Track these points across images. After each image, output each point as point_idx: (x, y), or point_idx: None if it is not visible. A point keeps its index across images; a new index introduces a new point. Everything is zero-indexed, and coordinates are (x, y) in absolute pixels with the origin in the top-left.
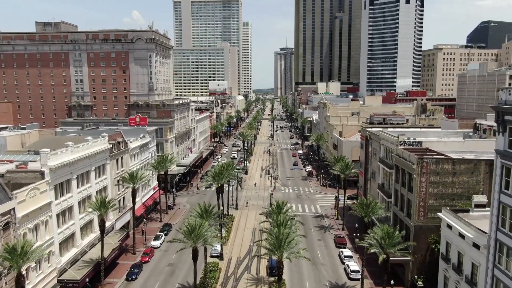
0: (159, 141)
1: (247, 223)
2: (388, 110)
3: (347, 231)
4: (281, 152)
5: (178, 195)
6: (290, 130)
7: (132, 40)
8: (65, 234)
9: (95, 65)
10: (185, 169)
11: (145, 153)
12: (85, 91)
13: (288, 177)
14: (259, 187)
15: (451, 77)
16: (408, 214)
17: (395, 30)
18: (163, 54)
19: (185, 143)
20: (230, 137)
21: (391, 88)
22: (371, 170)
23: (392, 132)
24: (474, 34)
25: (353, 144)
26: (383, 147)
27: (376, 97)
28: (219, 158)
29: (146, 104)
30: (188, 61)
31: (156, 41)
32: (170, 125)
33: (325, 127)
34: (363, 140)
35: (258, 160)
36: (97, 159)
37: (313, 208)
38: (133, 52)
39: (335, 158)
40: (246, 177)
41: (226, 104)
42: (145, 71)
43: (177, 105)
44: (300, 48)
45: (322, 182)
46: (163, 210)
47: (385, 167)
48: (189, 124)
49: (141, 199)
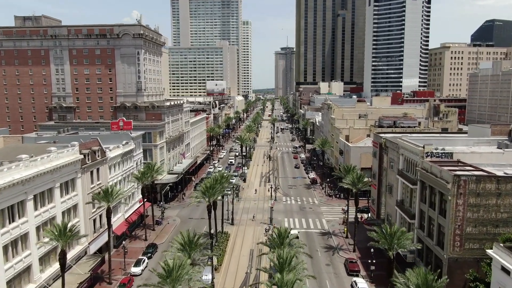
0: (147, 147)
1: (244, 243)
2: (398, 112)
3: (359, 253)
4: (282, 156)
5: (169, 207)
6: (291, 132)
7: (118, 35)
8: (16, 269)
9: (78, 63)
10: (176, 178)
11: (129, 162)
12: (67, 91)
13: (290, 185)
14: (258, 197)
15: (459, 76)
16: (439, 243)
17: (401, 28)
18: (154, 51)
19: (177, 148)
20: (228, 140)
21: (396, 88)
22: (387, 183)
23: (414, 140)
24: (478, 33)
25: (362, 150)
26: (403, 157)
27: (384, 98)
28: (215, 164)
29: (134, 106)
30: (185, 60)
31: (145, 37)
32: (160, 129)
33: (330, 130)
34: (376, 148)
35: (257, 166)
36: (63, 173)
37: (319, 223)
38: (120, 49)
39: (344, 169)
40: (244, 185)
41: (224, 105)
42: (133, 69)
43: (169, 107)
44: (302, 47)
45: (327, 192)
46: (149, 225)
47: (406, 181)
48: (183, 127)
49: (123, 214)
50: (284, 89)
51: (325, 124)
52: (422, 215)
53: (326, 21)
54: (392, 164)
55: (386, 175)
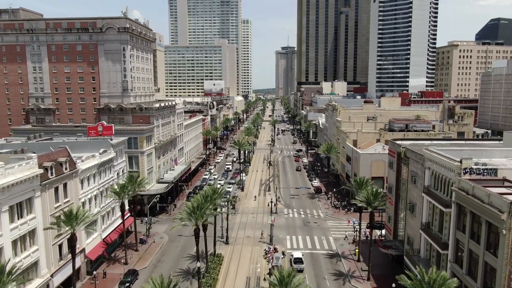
0: (133, 154)
1: (240, 268)
2: (409, 115)
3: (375, 281)
4: (283, 161)
5: (157, 221)
6: (293, 133)
7: (102, 30)
8: None
9: (58, 60)
10: (166, 188)
11: (108, 172)
12: (46, 91)
13: (292, 194)
14: (257, 209)
15: (467, 76)
16: (485, 286)
17: (408, 25)
18: (143, 48)
19: (169, 154)
20: (227, 142)
21: (403, 89)
22: (408, 201)
23: (439, 149)
24: (483, 32)
25: (373, 158)
26: (430, 172)
27: (393, 99)
28: (212, 169)
29: (119, 107)
30: (183, 59)
31: (132, 31)
32: (148, 133)
33: (335, 134)
34: (393, 157)
35: (256, 172)
36: (14, 194)
37: (325, 242)
38: (103, 44)
39: (356, 182)
40: (242, 194)
41: (223, 105)
42: (118, 67)
43: (158, 109)
44: (303, 45)
45: (334, 202)
46: (132, 245)
47: (435, 202)
48: (175, 131)
49: (100, 234)
50: (284, 89)
51: (329, 126)
52: (458, 246)
53: (328, 19)
54: (414, 178)
55: (407, 190)
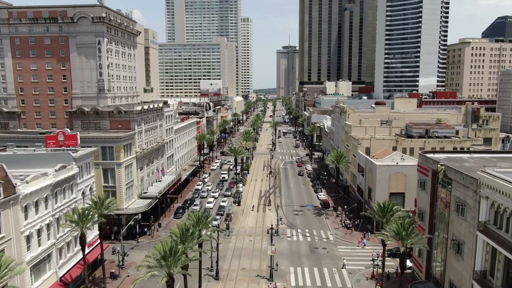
0: (108, 166)
1: None
2: (427, 118)
3: None
4: (285, 168)
5: (136, 245)
6: (295, 136)
7: (74, 20)
8: None
9: (23, 55)
10: (148, 205)
11: (68, 193)
12: (9, 92)
13: (296, 210)
14: (255, 229)
15: (479, 75)
16: None
17: (418, 21)
18: (125, 42)
19: (155, 164)
20: (224, 146)
21: (412, 89)
22: (451, 236)
23: (478, 163)
24: (490, 30)
25: (392, 170)
26: (488, 202)
27: (409, 100)
28: (206, 178)
29: (94, 111)
30: (179, 58)
31: (110, 22)
32: (126, 141)
33: (343, 140)
34: (425, 175)
35: (255, 181)
36: None
37: (338, 277)
38: (76, 37)
39: (380, 208)
40: (238, 210)
41: (220, 106)
42: (93, 63)
43: (141, 112)
44: (306, 43)
45: (345, 221)
46: (99, 281)
47: (498, 246)
48: (163, 137)
49: (56, 271)
50: (286, 89)
51: (336, 130)
52: None
53: (332, 16)
54: (462, 208)
55: (448, 221)
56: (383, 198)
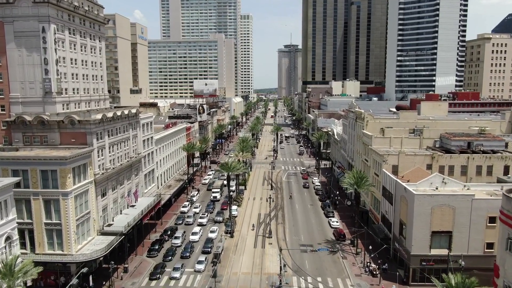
0: (51, 197)
1: None
2: (463, 126)
3: None
4: (289, 181)
5: None
6: (298, 141)
7: (9, 1)
8: None
9: None
10: (108, 247)
11: None
12: None
13: (303, 244)
14: (250, 278)
15: (501, 74)
16: None
17: (435, 14)
18: (86, 31)
19: (126, 185)
20: (220, 153)
21: (428, 89)
22: None
23: None
24: (500, 28)
25: (435, 202)
26: None
27: (438, 104)
28: (194, 197)
29: (38, 120)
30: (174, 56)
31: (59, 3)
32: (76, 162)
33: (360, 152)
34: None
35: (254, 200)
36: None
37: None
38: (13, 23)
39: None
40: (230, 244)
41: (217, 109)
42: (37, 58)
43: (102, 122)
44: (309, 40)
45: (368, 264)
46: None
47: None
48: (139, 150)
49: None
50: (287, 89)
51: (350, 140)
52: None
53: (337, 11)
54: None
55: None
56: (421, 238)
